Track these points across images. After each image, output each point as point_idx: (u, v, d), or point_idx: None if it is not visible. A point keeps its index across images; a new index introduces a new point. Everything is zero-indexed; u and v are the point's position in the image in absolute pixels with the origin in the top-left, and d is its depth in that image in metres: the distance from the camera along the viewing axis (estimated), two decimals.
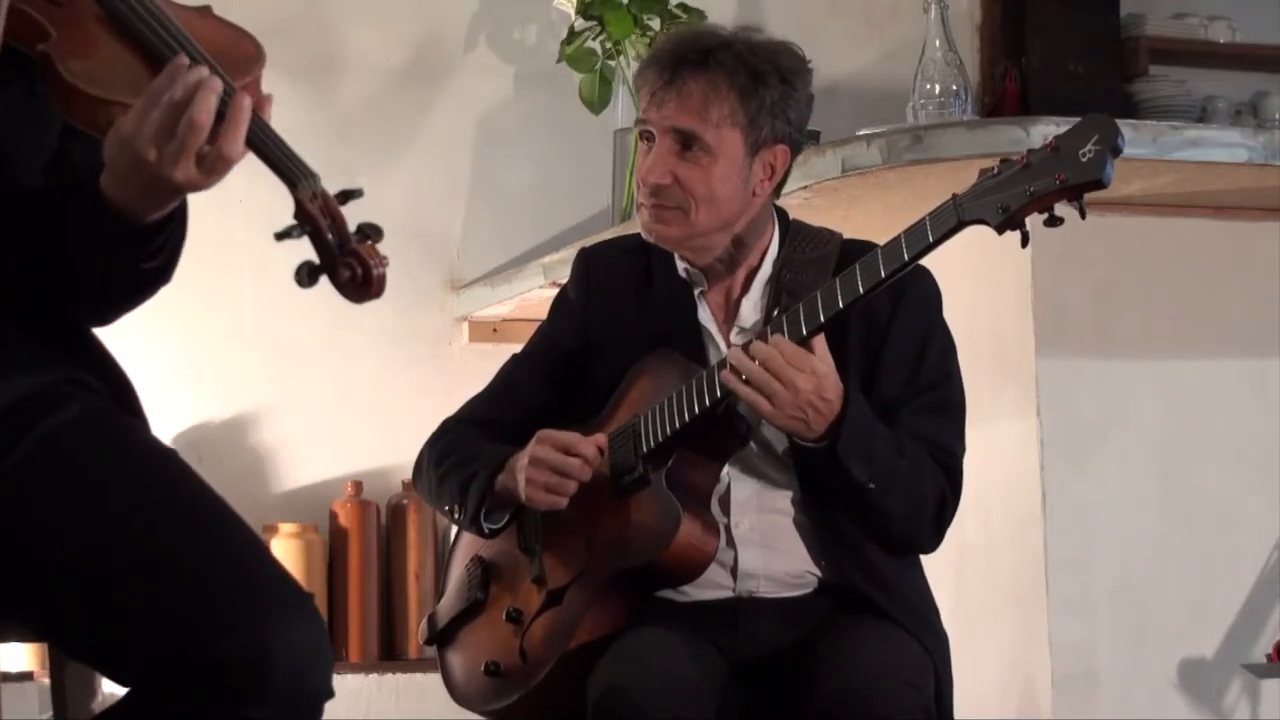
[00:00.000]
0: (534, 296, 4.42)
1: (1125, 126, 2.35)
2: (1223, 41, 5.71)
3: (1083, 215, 2.32)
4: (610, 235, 3.70)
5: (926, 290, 2.62)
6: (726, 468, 2.56)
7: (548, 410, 2.69)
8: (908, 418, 2.55)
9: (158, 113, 1.83)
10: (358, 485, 4.61)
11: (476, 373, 3.05)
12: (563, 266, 3.88)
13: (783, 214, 2.70)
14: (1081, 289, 3.60)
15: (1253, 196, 3.59)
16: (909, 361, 2.58)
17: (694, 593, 2.55)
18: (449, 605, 2.76)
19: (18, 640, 2.15)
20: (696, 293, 2.65)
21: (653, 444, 2.52)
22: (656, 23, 4.48)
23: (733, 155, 2.56)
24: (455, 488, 2.66)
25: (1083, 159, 2.28)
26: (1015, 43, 5.30)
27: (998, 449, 3.51)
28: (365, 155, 4.71)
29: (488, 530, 2.66)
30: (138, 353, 2.40)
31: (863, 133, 3.37)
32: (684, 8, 4.51)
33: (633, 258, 2.73)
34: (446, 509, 2.71)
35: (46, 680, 3.27)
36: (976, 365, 2.85)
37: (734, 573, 2.55)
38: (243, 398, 4.67)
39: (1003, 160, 2.36)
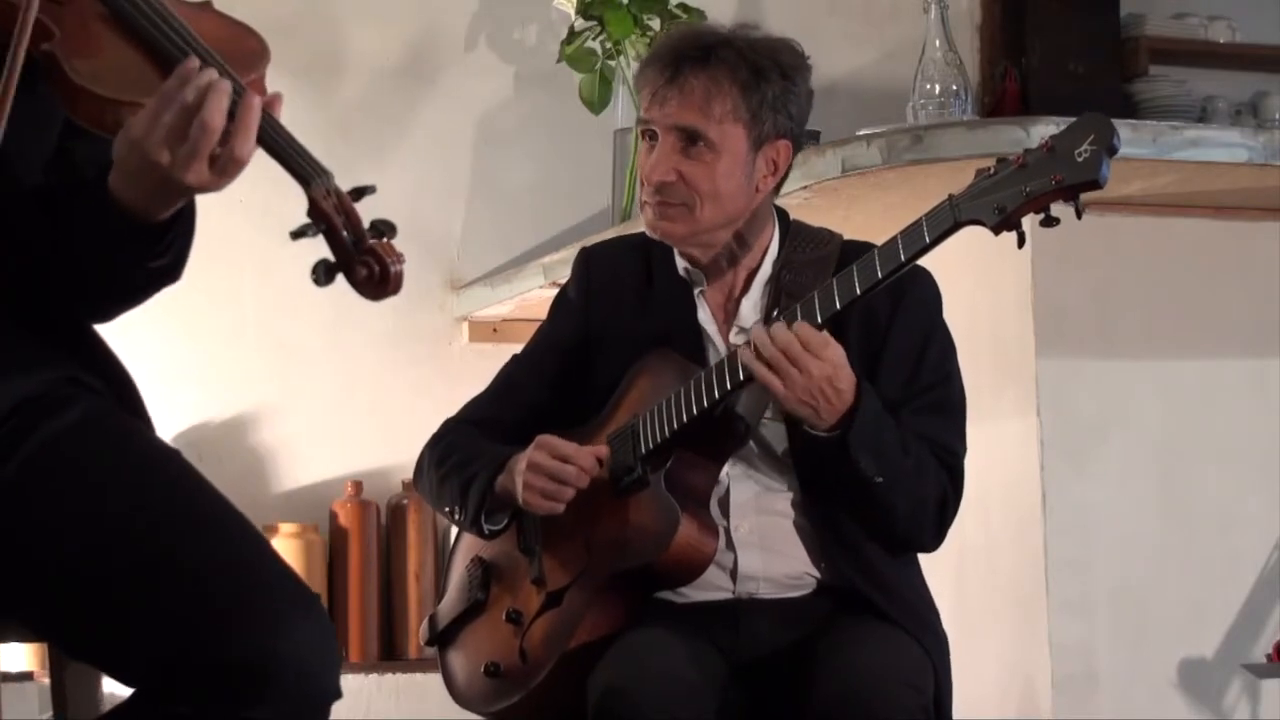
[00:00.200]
0: (534, 296, 4.41)
1: (1125, 126, 2.35)
2: (1223, 41, 5.70)
3: (1079, 215, 2.32)
4: (610, 235, 3.70)
5: (926, 292, 2.62)
6: (726, 469, 2.56)
7: (548, 410, 2.69)
8: (908, 418, 2.55)
9: (169, 115, 1.82)
10: (358, 485, 4.61)
11: (476, 373, 3.05)
12: (563, 266, 3.88)
13: (783, 214, 2.70)
14: (1081, 289, 3.59)
15: (1253, 196, 3.59)
16: (909, 362, 2.58)
17: (693, 594, 2.55)
18: (450, 606, 2.76)
19: (18, 640, 2.15)
20: (696, 292, 2.65)
21: (651, 445, 2.52)
22: (656, 23, 4.48)
23: (736, 151, 2.56)
24: (456, 489, 2.66)
25: (1079, 159, 2.28)
26: (1015, 43, 5.29)
27: (998, 449, 3.50)
28: (365, 155, 4.71)
29: (488, 531, 2.66)
30: (139, 352, 2.40)
31: (863, 133, 3.37)
32: (684, 7, 4.51)
33: (633, 257, 2.73)
34: (447, 510, 2.71)
35: (46, 680, 3.27)
36: (976, 365, 2.84)
37: (733, 575, 2.55)
38: (243, 397, 4.67)
39: (999, 160, 2.35)
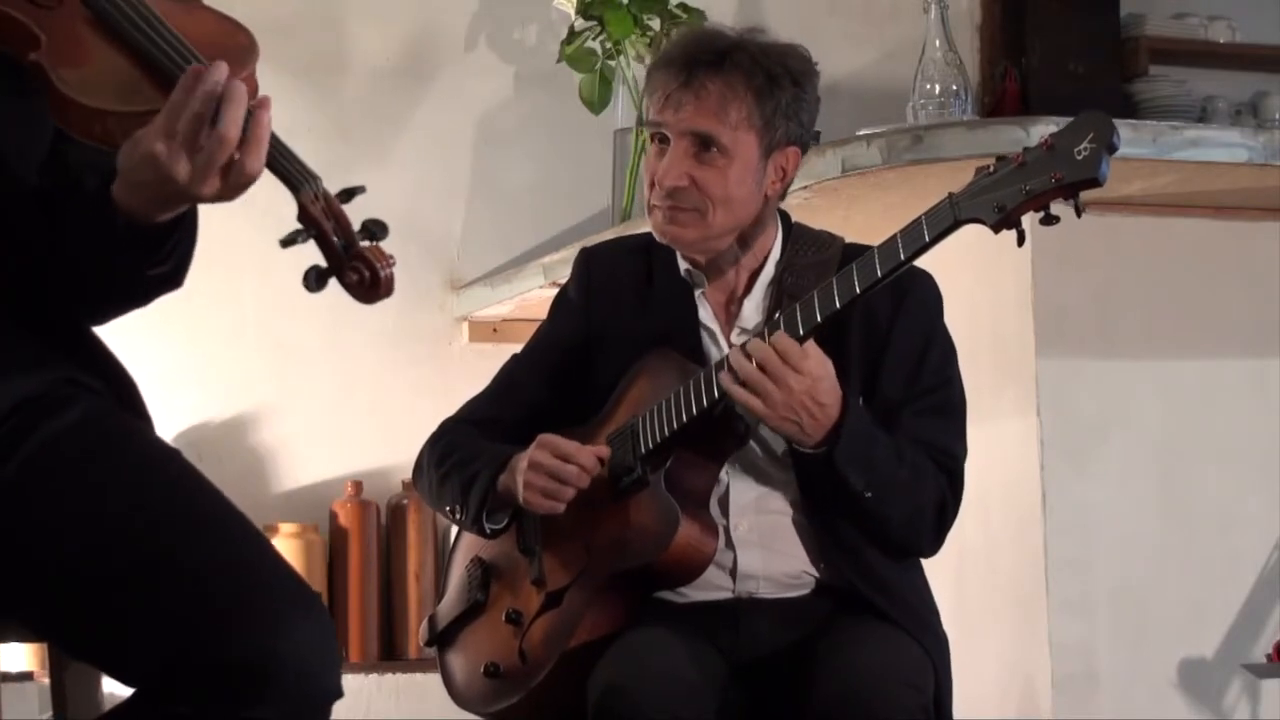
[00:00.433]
0: (534, 296, 4.41)
1: (1125, 126, 2.35)
2: (1223, 41, 5.70)
3: (1079, 213, 2.31)
4: (610, 235, 3.70)
5: (927, 294, 2.62)
6: (726, 469, 2.56)
7: (548, 409, 2.69)
8: (908, 420, 2.55)
9: (184, 127, 1.81)
10: (358, 485, 4.61)
11: (476, 373, 3.05)
12: (563, 266, 3.88)
13: (785, 216, 2.69)
14: (1081, 289, 3.59)
15: (1253, 196, 3.59)
16: (910, 364, 2.58)
17: (693, 594, 2.55)
18: (449, 606, 2.76)
19: (18, 640, 2.15)
20: (698, 293, 2.65)
21: (651, 445, 2.52)
22: (656, 23, 4.48)
23: (748, 157, 2.55)
24: (457, 488, 2.65)
25: (1078, 157, 2.28)
26: (1015, 43, 5.29)
27: (998, 449, 3.50)
28: (365, 155, 4.71)
29: (489, 531, 2.66)
30: (139, 352, 2.40)
31: (863, 133, 3.37)
32: (684, 8, 4.51)
33: (634, 257, 2.73)
34: (448, 509, 2.70)
35: (46, 680, 3.26)
36: (976, 365, 2.85)
37: (733, 574, 2.55)
38: (243, 397, 4.66)
39: (999, 159, 2.35)
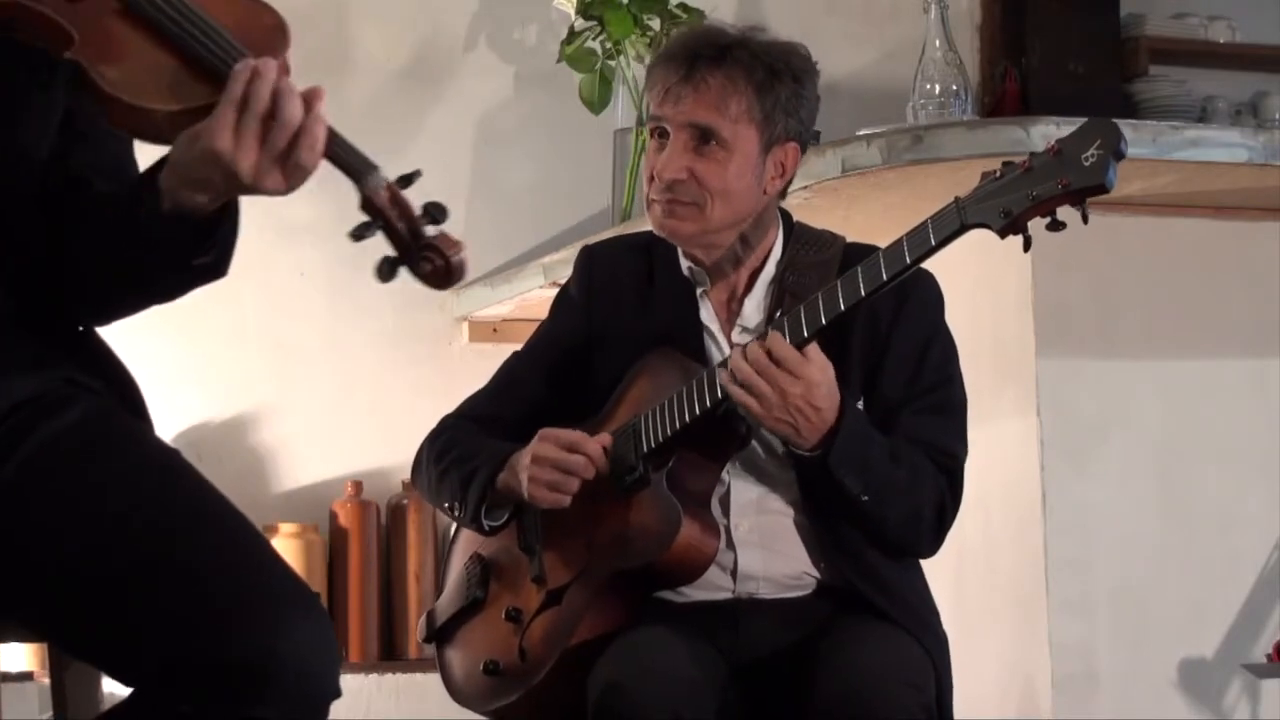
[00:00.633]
0: (534, 296, 4.41)
1: (1125, 127, 2.34)
2: (1223, 41, 5.70)
3: (1085, 220, 2.31)
4: (611, 235, 3.69)
5: (929, 294, 2.62)
6: (727, 469, 2.56)
7: (548, 407, 2.69)
8: (909, 419, 2.55)
9: (250, 123, 1.80)
10: (358, 485, 4.61)
11: (476, 373, 3.05)
12: (563, 266, 3.88)
13: (786, 216, 2.70)
14: (1081, 289, 3.60)
15: (1253, 196, 3.59)
16: (911, 364, 2.58)
17: (694, 594, 2.55)
18: (448, 603, 2.76)
19: (18, 640, 2.15)
20: (699, 292, 2.65)
21: (653, 444, 2.52)
22: (656, 23, 4.48)
23: (748, 151, 2.56)
24: (455, 484, 2.65)
25: (1085, 163, 2.28)
26: (1015, 43, 5.29)
27: (998, 449, 3.50)
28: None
29: (488, 527, 2.66)
30: (139, 352, 2.39)
31: (863, 133, 3.37)
32: (684, 8, 4.50)
33: (635, 256, 2.73)
34: (446, 506, 2.70)
35: (46, 680, 3.26)
36: (976, 365, 2.84)
37: (734, 574, 2.55)
38: (243, 397, 4.66)
39: (1005, 163, 2.35)
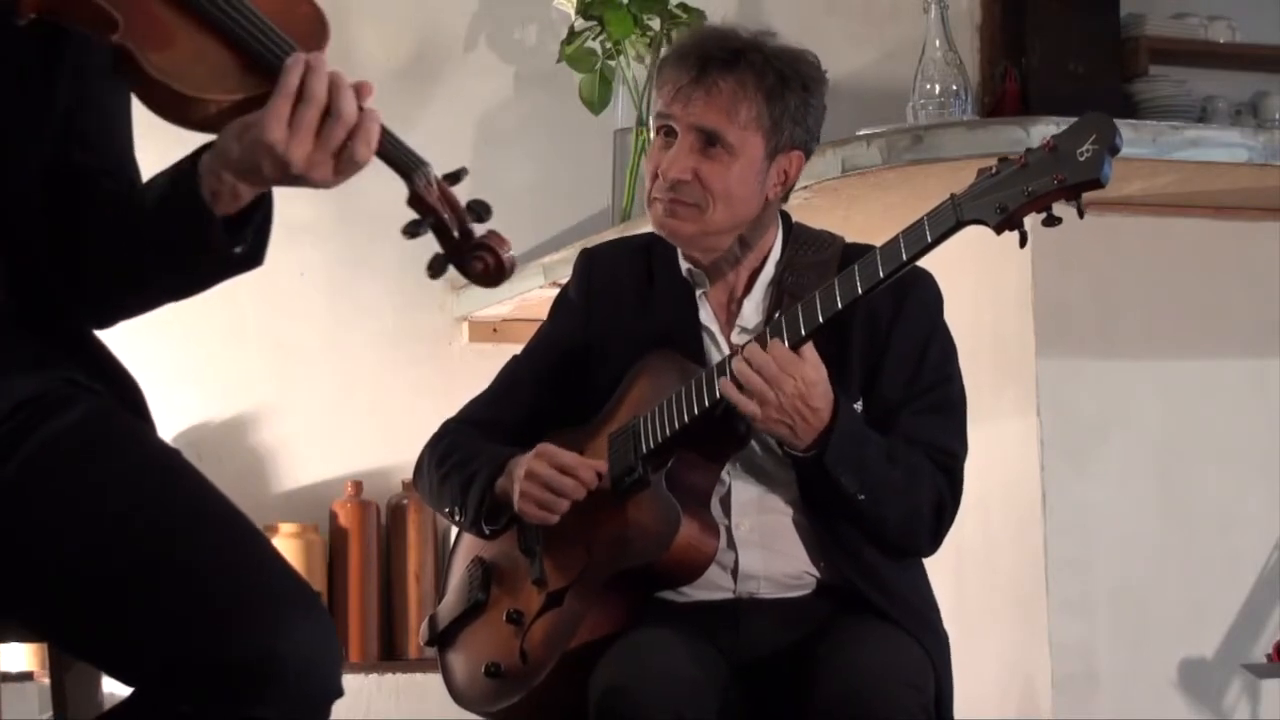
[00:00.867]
0: (534, 296, 4.41)
1: (1125, 126, 2.35)
2: (1223, 41, 5.70)
3: (1080, 214, 2.32)
4: (610, 235, 3.70)
5: (927, 294, 2.62)
6: (727, 469, 2.56)
7: (548, 410, 2.69)
8: (908, 419, 2.55)
9: (308, 115, 1.79)
10: (358, 485, 4.61)
11: (476, 373, 3.05)
12: (563, 266, 3.88)
13: (785, 217, 2.70)
14: (1081, 289, 3.60)
15: (1253, 196, 3.59)
16: (910, 363, 2.58)
17: (694, 594, 2.55)
18: (450, 606, 2.76)
19: (18, 640, 2.15)
20: (699, 293, 2.65)
21: (652, 445, 2.52)
22: (656, 23, 4.48)
23: (753, 157, 2.56)
24: (456, 489, 2.66)
25: (1080, 158, 2.28)
26: (1015, 43, 5.29)
27: (998, 449, 3.50)
28: None
29: (487, 532, 2.66)
30: (139, 352, 2.39)
31: (863, 133, 3.37)
32: (684, 8, 4.51)
33: (635, 258, 2.73)
34: (447, 511, 2.71)
35: (46, 680, 3.26)
36: (976, 365, 2.85)
37: (734, 574, 2.55)
38: (243, 397, 4.66)
39: (1001, 160, 2.36)
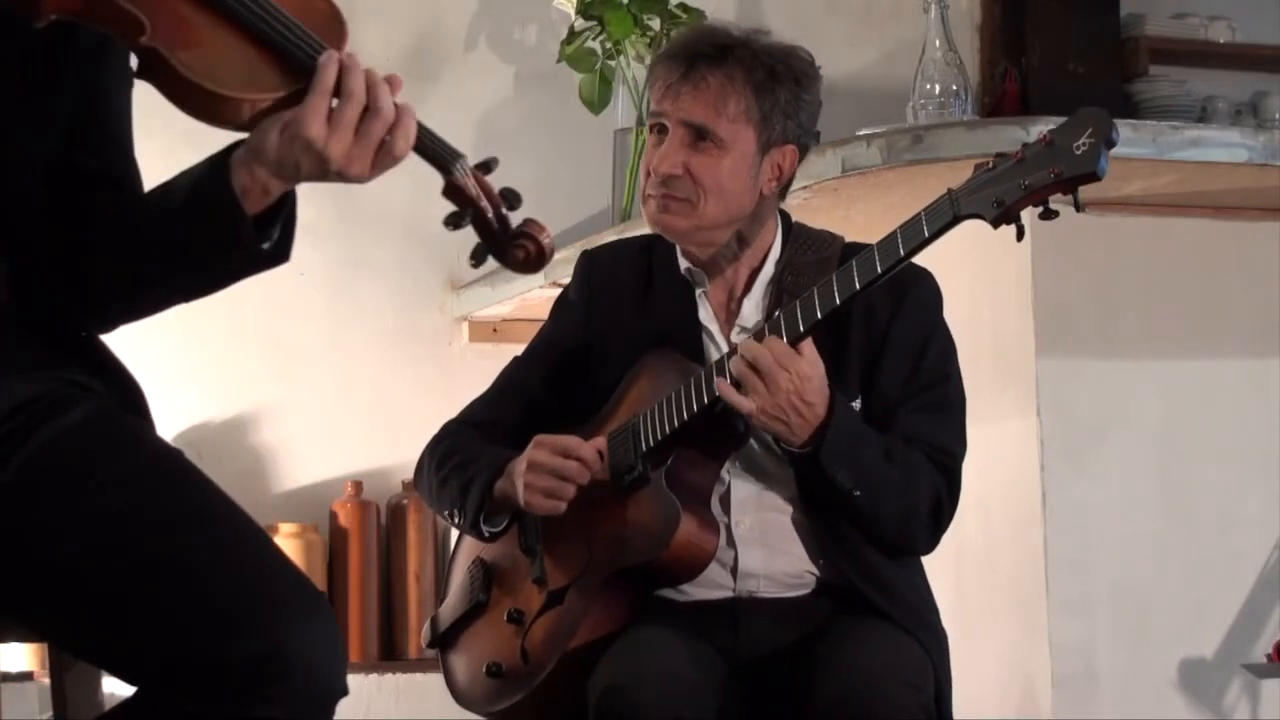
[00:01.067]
0: (534, 296, 4.41)
1: (1125, 126, 2.35)
2: (1223, 41, 5.70)
3: (1078, 208, 2.32)
4: (610, 235, 3.70)
5: (926, 292, 2.62)
6: (727, 467, 2.57)
7: (549, 411, 2.69)
8: (906, 417, 2.56)
9: (349, 112, 1.80)
10: (358, 485, 4.61)
11: (476, 373, 3.06)
12: (563, 266, 3.86)
13: (785, 216, 2.70)
14: (1081, 289, 3.60)
15: (1253, 196, 3.59)
16: (909, 362, 2.58)
17: (694, 592, 2.55)
18: (451, 608, 2.76)
19: (18, 640, 2.15)
20: (698, 292, 2.66)
21: (652, 443, 2.52)
22: (656, 23, 4.48)
23: (744, 151, 2.56)
24: (455, 491, 2.66)
25: (1077, 152, 2.29)
26: (1015, 43, 5.29)
27: (998, 449, 3.50)
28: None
29: (487, 534, 2.66)
30: (139, 352, 2.39)
31: (863, 133, 3.37)
32: (684, 8, 4.51)
33: (635, 259, 2.73)
34: (447, 513, 2.71)
35: (46, 680, 3.26)
36: (976, 365, 2.85)
37: (734, 572, 2.55)
38: (243, 398, 4.66)
39: (998, 155, 2.36)
